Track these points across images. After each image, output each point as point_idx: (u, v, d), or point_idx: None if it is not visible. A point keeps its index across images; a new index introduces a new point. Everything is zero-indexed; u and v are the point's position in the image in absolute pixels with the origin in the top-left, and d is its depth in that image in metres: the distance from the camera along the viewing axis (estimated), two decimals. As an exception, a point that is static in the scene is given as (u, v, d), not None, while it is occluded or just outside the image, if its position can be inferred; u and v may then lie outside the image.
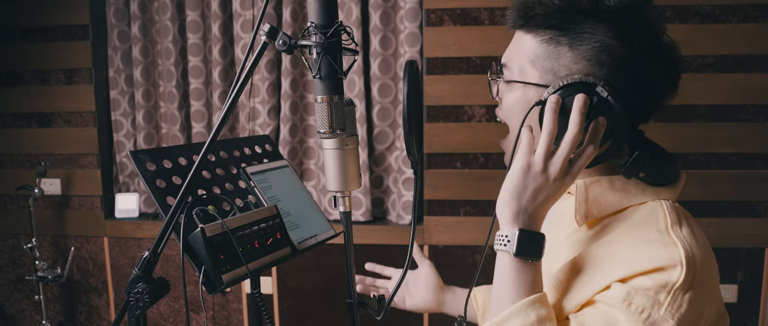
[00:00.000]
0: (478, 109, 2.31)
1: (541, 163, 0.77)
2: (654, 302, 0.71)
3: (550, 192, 0.77)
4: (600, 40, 0.77)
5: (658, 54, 0.79)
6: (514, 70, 0.85)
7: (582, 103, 0.75)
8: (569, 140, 0.75)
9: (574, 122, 0.75)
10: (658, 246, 0.73)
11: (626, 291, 0.72)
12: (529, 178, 0.77)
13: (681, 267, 0.71)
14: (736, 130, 2.24)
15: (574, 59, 0.79)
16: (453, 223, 2.39)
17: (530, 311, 0.75)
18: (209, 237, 0.94)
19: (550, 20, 0.80)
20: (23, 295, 2.72)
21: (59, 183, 2.59)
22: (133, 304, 0.87)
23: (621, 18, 0.78)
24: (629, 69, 0.78)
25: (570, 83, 0.78)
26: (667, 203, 0.81)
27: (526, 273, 0.77)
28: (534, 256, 0.77)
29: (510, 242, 0.77)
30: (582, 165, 0.78)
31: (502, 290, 0.79)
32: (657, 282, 0.71)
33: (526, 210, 0.77)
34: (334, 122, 0.81)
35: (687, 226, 0.78)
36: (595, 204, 0.83)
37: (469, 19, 2.26)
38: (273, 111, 2.49)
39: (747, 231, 2.29)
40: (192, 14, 2.44)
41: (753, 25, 2.17)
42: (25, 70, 2.54)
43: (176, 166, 1.06)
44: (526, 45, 0.83)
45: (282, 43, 0.79)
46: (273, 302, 2.54)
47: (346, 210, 0.86)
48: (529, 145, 0.78)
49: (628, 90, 0.78)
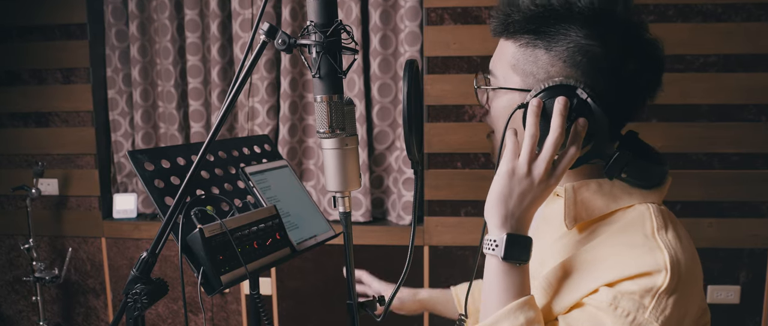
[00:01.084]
0: (479, 109, 2.28)
1: (526, 166, 0.79)
2: (639, 306, 0.73)
3: (535, 194, 0.79)
4: (573, 40, 0.80)
5: (635, 52, 0.81)
6: (498, 77, 0.88)
7: (562, 105, 0.78)
8: (551, 143, 0.78)
9: (556, 125, 0.78)
10: (644, 251, 0.76)
11: (613, 295, 0.74)
12: (515, 182, 0.79)
13: (665, 272, 0.74)
14: (738, 130, 2.24)
15: (550, 61, 0.81)
16: (453, 224, 2.38)
17: (519, 313, 0.77)
18: (208, 237, 0.94)
19: (527, 25, 0.83)
20: (20, 296, 2.71)
21: (57, 184, 2.59)
22: (131, 305, 0.87)
23: (593, 18, 0.80)
24: (605, 68, 0.79)
25: (550, 86, 0.80)
26: (654, 207, 0.83)
27: (515, 276, 0.79)
28: (522, 260, 0.79)
29: (498, 247, 0.79)
30: (565, 167, 0.80)
31: (491, 293, 0.81)
32: (642, 286, 0.74)
33: (513, 215, 0.80)
34: (334, 122, 0.81)
35: (672, 230, 0.80)
36: (583, 208, 0.85)
37: (470, 17, 2.25)
38: (272, 110, 2.48)
39: (749, 232, 2.29)
40: (190, 13, 2.43)
41: (756, 24, 2.16)
42: (22, 69, 2.53)
43: (174, 166, 1.06)
44: (507, 51, 0.86)
45: (281, 42, 0.79)
46: (272, 303, 2.53)
47: (346, 210, 0.86)
48: (514, 150, 0.80)
49: (607, 89, 0.80)
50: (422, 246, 2.39)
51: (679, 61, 2.18)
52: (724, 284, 2.31)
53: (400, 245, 2.40)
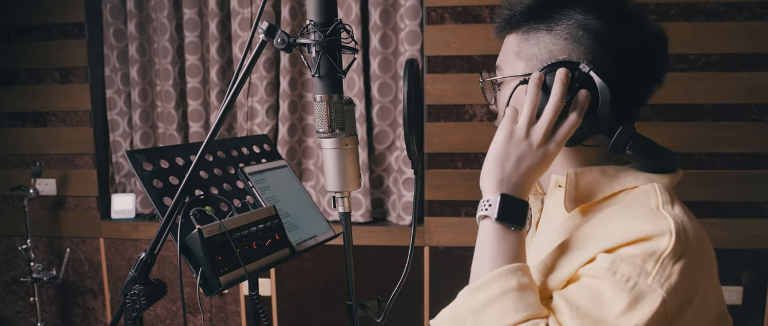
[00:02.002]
0: (480, 109, 2.29)
1: (524, 129, 0.77)
2: (641, 270, 0.68)
3: (534, 159, 0.77)
4: (573, 17, 0.80)
5: (634, 23, 0.81)
6: (504, 70, 0.87)
7: (563, 74, 0.77)
8: (551, 107, 0.76)
9: (556, 91, 0.76)
10: (647, 220, 0.72)
11: (612, 259, 0.69)
12: (512, 145, 0.77)
13: (670, 236, 0.69)
14: (740, 130, 2.23)
15: (552, 41, 0.81)
16: (454, 224, 2.37)
17: (511, 276, 0.72)
18: (207, 238, 0.94)
19: (528, 15, 0.84)
20: (18, 297, 2.70)
21: (54, 184, 2.58)
22: (129, 306, 0.88)
23: (593, 3, 0.80)
24: (608, 43, 0.79)
25: (552, 63, 0.79)
26: (660, 186, 0.79)
27: (509, 240, 0.76)
28: (517, 223, 0.76)
29: (491, 206, 0.76)
30: (565, 133, 0.77)
31: (482, 257, 0.77)
32: (644, 250, 0.69)
33: (509, 179, 0.77)
34: (334, 121, 0.81)
35: (679, 206, 0.76)
36: (585, 191, 0.82)
37: (471, 16, 2.25)
38: (271, 110, 2.47)
39: (752, 232, 2.28)
40: (189, 12, 2.42)
41: (758, 23, 2.15)
42: (20, 68, 2.52)
43: (173, 166, 1.06)
44: (511, 42, 0.86)
45: (280, 41, 0.80)
46: (271, 304, 2.52)
47: (346, 210, 0.87)
48: (513, 116, 0.79)
49: (610, 65, 0.79)
50: (422, 247, 2.39)
51: (681, 60, 2.18)
52: (726, 285, 2.30)
53: (400, 246, 2.39)
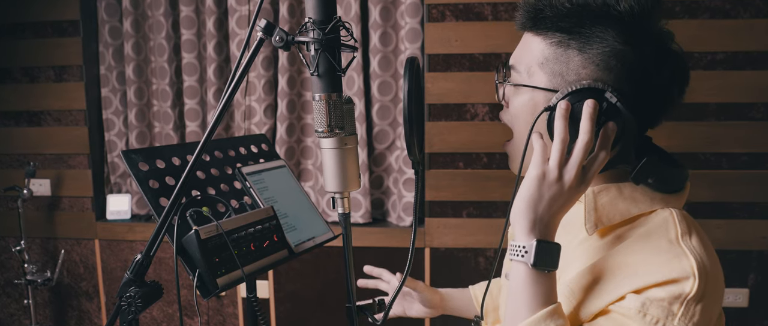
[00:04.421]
0: (481, 108, 2.27)
1: (556, 171, 0.78)
2: (668, 313, 0.73)
3: (565, 200, 0.79)
4: (610, 44, 0.78)
5: (667, 61, 0.81)
6: (522, 73, 0.86)
7: (592, 108, 0.77)
8: (581, 147, 0.77)
9: (585, 129, 0.77)
10: (671, 258, 0.76)
11: (641, 301, 0.74)
12: (545, 187, 0.78)
13: (694, 279, 0.73)
14: (746, 129, 2.21)
15: (582, 63, 0.80)
16: (455, 225, 2.35)
17: (549, 321, 0.77)
18: (204, 239, 0.94)
19: (560, 23, 0.81)
20: (12, 299, 2.69)
21: (49, 184, 2.56)
22: (125, 309, 0.88)
23: (631, 24, 0.79)
24: (638, 75, 0.79)
25: (579, 89, 0.79)
26: (677, 212, 0.83)
27: (543, 283, 0.79)
28: (550, 267, 0.79)
29: (527, 253, 0.78)
30: (596, 171, 0.79)
31: (518, 301, 0.80)
32: (671, 293, 0.73)
33: (542, 220, 0.79)
34: (333, 121, 0.81)
35: (696, 236, 0.80)
36: (604, 213, 0.84)
37: (472, 14, 2.22)
38: (269, 109, 2.45)
39: (758, 234, 2.26)
40: (186, 9, 2.40)
41: (764, 21, 2.14)
42: (13, 66, 2.50)
43: (169, 166, 1.06)
44: (535, 47, 0.84)
45: (279, 39, 0.79)
46: (269, 306, 2.51)
47: (345, 211, 0.86)
48: (543, 154, 0.79)
49: (636, 95, 0.79)
50: (423, 248, 2.37)
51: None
52: (732, 287, 2.29)
53: (401, 247, 2.37)
